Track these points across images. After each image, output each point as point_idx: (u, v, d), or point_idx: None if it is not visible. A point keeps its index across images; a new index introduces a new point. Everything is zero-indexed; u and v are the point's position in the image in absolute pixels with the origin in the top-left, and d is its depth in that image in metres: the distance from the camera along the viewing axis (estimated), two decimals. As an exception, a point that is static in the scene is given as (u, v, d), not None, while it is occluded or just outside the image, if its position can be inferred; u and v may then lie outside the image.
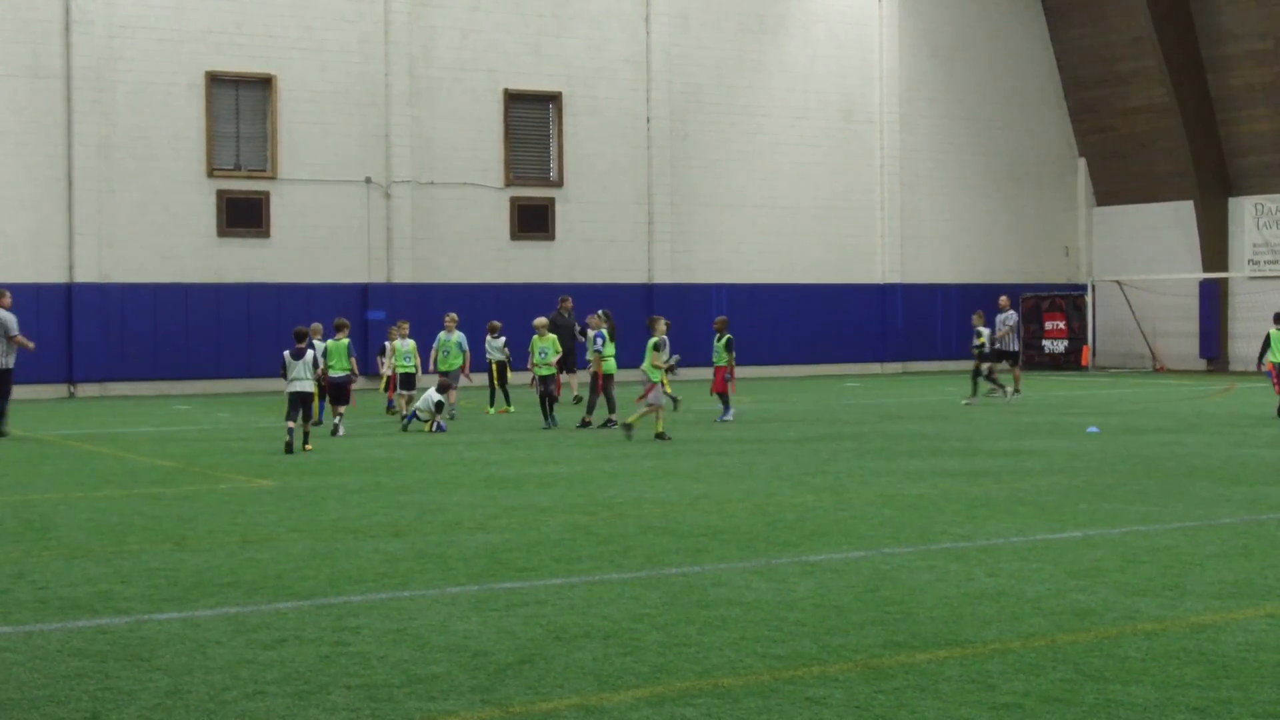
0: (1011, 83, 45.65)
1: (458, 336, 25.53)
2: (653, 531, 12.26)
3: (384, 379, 27.21)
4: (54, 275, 33.81)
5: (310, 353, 20.48)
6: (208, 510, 13.85)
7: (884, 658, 7.83)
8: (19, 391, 32.91)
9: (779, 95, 41.91)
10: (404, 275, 36.97)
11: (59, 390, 33.82)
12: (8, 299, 23.61)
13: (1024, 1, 45.94)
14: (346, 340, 22.81)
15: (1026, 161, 46.11)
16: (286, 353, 20.41)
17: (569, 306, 29.52)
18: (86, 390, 34.01)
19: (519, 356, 28.58)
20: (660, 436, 21.00)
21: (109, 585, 10.03)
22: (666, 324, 23.44)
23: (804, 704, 6.95)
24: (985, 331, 29.78)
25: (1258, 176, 42.44)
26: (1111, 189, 46.34)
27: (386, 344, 26.99)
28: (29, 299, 33.49)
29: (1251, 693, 7.12)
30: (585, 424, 23.48)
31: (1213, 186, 42.95)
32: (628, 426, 21.16)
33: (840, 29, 42.89)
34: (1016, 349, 31.11)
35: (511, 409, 26.97)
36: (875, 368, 42.95)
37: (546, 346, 24.22)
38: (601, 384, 23.73)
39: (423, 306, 36.80)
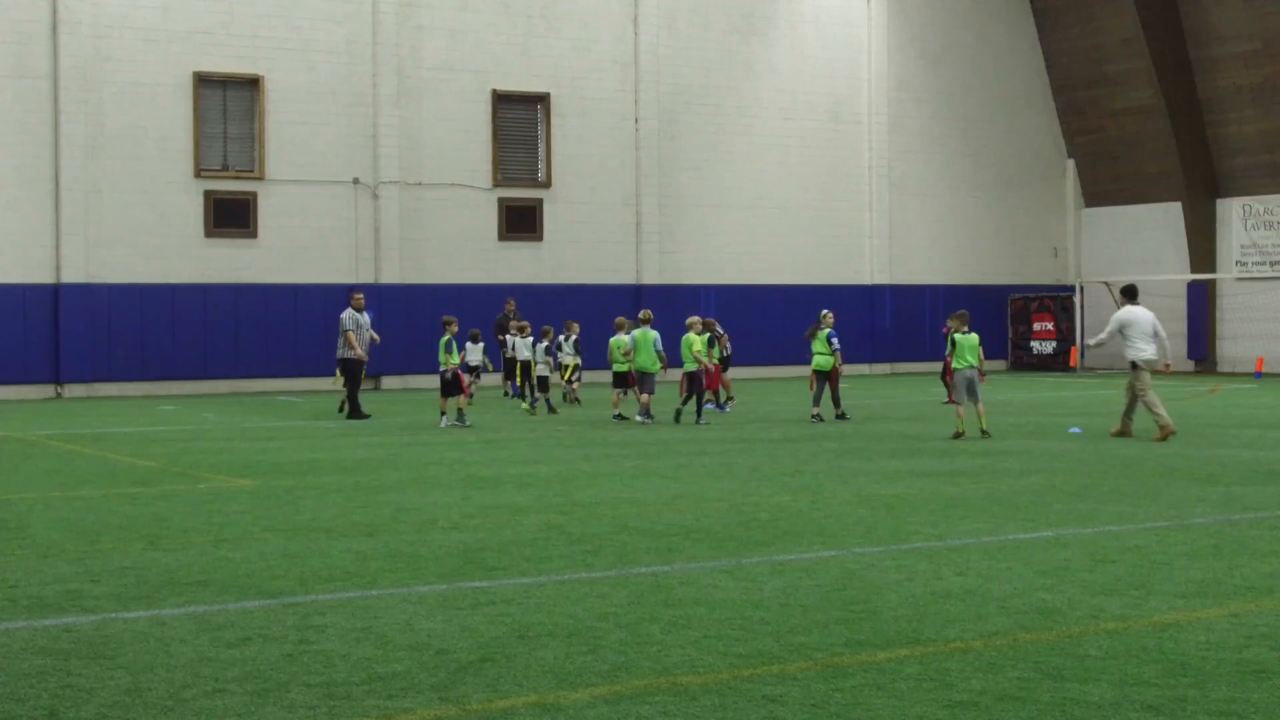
0: (1000, 84, 45.73)
1: (654, 335, 25.27)
2: (625, 531, 12.28)
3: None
4: (41, 276, 33.80)
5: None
6: (184, 510, 13.85)
7: (845, 656, 7.85)
8: (4, 392, 33.00)
9: (767, 96, 41.97)
10: (392, 276, 36.99)
11: (45, 390, 33.81)
12: (360, 299, 26.10)
13: (1013, 3, 46.02)
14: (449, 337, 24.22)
15: (1015, 163, 46.19)
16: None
17: (512, 308, 32.85)
18: (73, 391, 34.00)
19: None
20: (984, 433, 21.02)
21: (79, 584, 10.04)
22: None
23: (761, 702, 6.97)
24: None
25: (1245, 178, 42.54)
26: (1100, 190, 46.43)
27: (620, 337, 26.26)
28: (15, 300, 33.55)
29: (1208, 691, 7.14)
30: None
31: (1201, 188, 43.05)
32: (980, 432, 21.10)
33: (828, 30, 42.95)
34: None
35: (525, 405, 27.93)
36: (864, 368, 42.99)
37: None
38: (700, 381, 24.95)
39: (410, 308, 36.87)
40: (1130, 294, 22.29)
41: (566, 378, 29.19)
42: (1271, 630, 8.40)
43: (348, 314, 25.80)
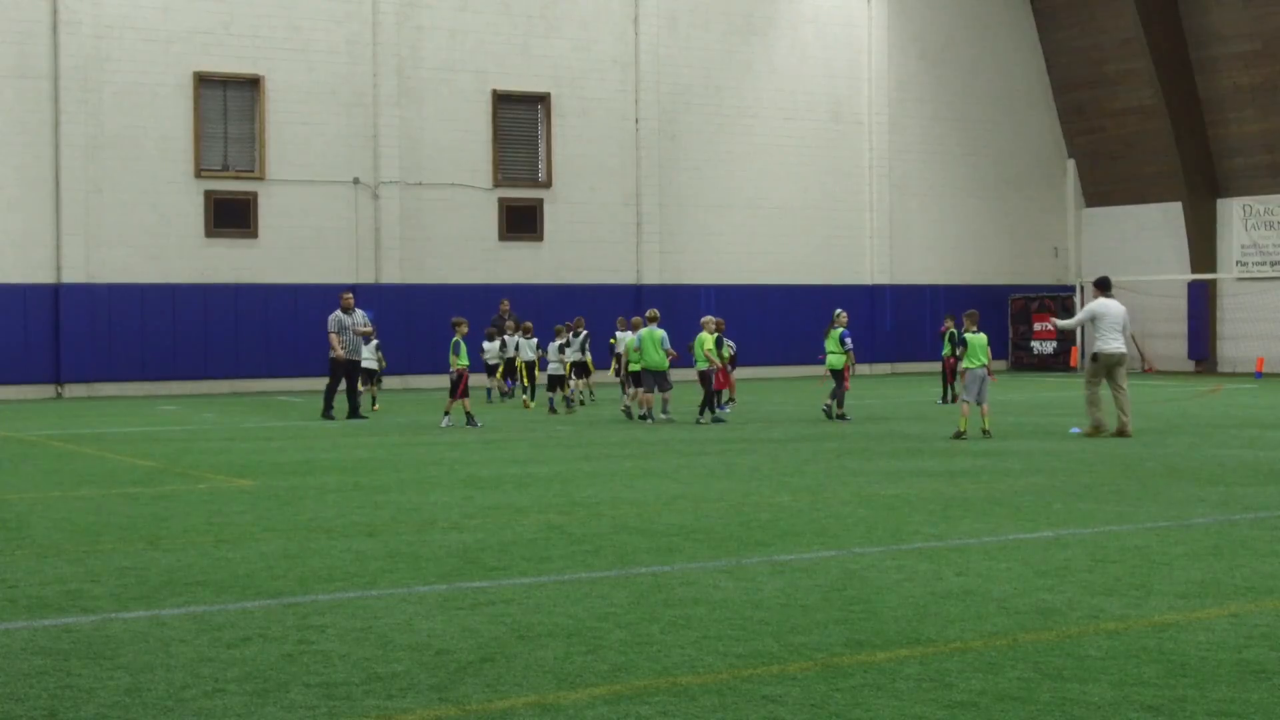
0: (1000, 84, 45.72)
1: (661, 333, 25.34)
2: (626, 531, 12.28)
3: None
4: (41, 276, 33.81)
5: (374, 341, 27.20)
6: (184, 510, 13.85)
7: (844, 656, 7.85)
8: (4, 392, 33.00)
9: (767, 96, 41.96)
10: (392, 276, 36.99)
11: (46, 390, 33.81)
12: (349, 299, 26.28)
13: (1013, 3, 46.01)
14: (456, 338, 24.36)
15: (1015, 163, 46.18)
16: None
17: (507, 309, 33.05)
18: (74, 391, 34.01)
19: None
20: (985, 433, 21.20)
21: (78, 584, 10.03)
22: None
23: (760, 702, 6.97)
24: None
25: (1246, 178, 42.53)
26: (1100, 190, 46.42)
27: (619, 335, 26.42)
28: (16, 300, 33.56)
29: (1208, 691, 7.14)
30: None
31: (1201, 188, 43.05)
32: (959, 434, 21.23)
33: (829, 30, 42.95)
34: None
35: (533, 404, 28.85)
36: (864, 368, 42.94)
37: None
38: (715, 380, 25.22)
39: (410, 308, 36.88)
40: (1103, 285, 22.37)
41: (591, 373, 29.36)
42: (1271, 630, 8.40)
43: (333, 316, 25.96)
